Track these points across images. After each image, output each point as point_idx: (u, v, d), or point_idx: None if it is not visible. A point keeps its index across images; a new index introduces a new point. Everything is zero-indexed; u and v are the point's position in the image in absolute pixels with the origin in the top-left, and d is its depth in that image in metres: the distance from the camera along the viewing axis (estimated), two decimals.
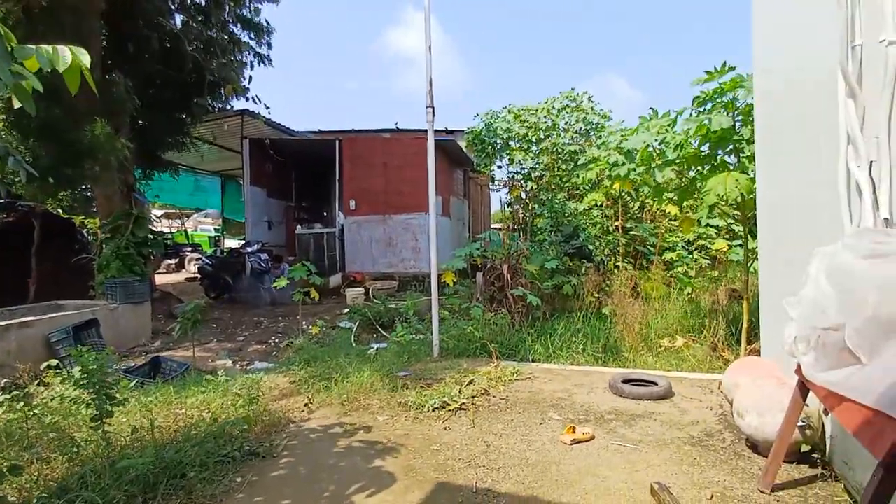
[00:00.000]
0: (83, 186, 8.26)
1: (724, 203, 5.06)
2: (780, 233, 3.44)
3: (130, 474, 2.57)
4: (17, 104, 2.15)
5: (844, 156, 2.26)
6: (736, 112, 4.70)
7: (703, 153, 5.06)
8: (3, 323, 5.05)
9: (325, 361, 4.84)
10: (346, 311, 7.87)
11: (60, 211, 9.48)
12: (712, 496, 2.34)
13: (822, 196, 2.66)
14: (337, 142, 11.37)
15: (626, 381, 4.05)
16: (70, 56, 2.10)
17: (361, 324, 6.92)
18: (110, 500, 2.41)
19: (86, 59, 2.17)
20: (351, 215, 11.23)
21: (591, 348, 5.29)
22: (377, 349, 5.50)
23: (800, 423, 2.45)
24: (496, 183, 12.68)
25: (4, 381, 4.52)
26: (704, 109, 5.14)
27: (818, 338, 2.07)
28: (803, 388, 2.30)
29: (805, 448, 2.61)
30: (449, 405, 3.67)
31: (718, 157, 5.06)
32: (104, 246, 7.27)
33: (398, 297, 8.79)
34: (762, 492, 2.35)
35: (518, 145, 10.17)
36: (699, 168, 5.21)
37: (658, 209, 8.80)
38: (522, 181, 10.43)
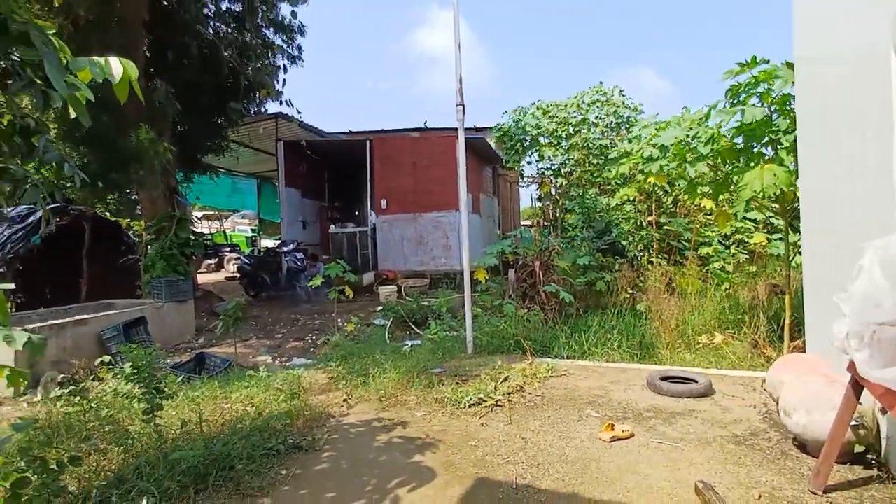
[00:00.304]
0: (128, 190, 8.63)
1: (761, 197, 4.90)
2: (826, 225, 3.31)
3: (182, 466, 2.70)
4: (73, 114, 2.28)
5: None
6: (771, 103, 4.54)
7: (737, 146, 4.92)
8: (59, 321, 5.35)
9: (362, 358, 4.94)
10: (380, 308, 7.98)
11: (108, 214, 9.94)
12: (760, 496, 2.29)
13: (873, 186, 2.56)
14: (367, 142, 11.52)
15: (664, 379, 3.98)
16: (121, 68, 2.22)
17: (395, 321, 7.01)
18: (164, 491, 2.53)
19: (134, 71, 2.29)
20: (382, 214, 11.36)
21: (626, 345, 5.22)
22: (411, 346, 5.57)
23: (853, 423, 2.37)
24: (525, 179, 12.60)
25: (62, 375, 4.80)
26: (738, 101, 4.99)
27: (873, 333, 2.01)
28: (857, 385, 2.23)
29: (859, 448, 2.51)
30: (485, 401, 3.70)
31: (754, 150, 4.91)
32: (149, 247, 7.60)
33: (430, 295, 8.86)
34: (814, 493, 2.29)
35: (547, 141, 10.07)
36: (734, 161, 5.06)
37: (693, 204, 8.58)
38: (552, 177, 10.33)
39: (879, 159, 2.46)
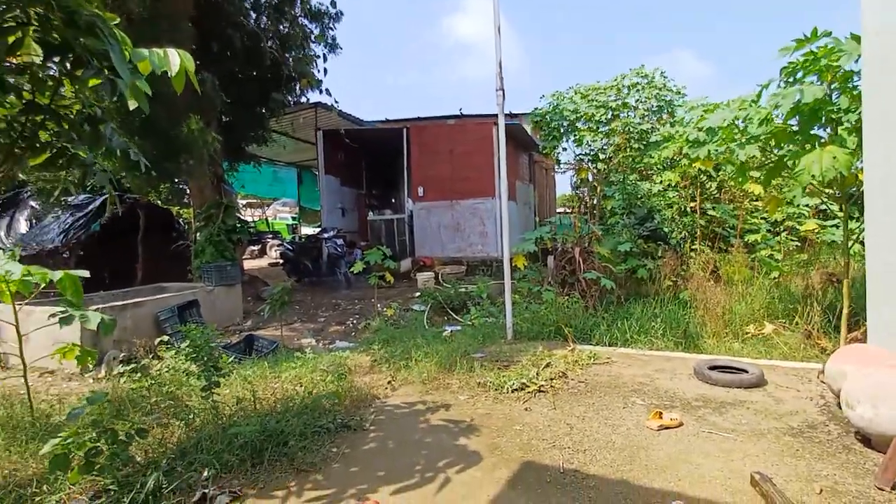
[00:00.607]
0: (178, 179, 8.99)
1: (819, 182, 4.65)
2: (894, 210, 3.13)
3: (239, 441, 2.83)
4: (132, 105, 2.39)
5: None
6: (832, 80, 4.27)
7: (791, 127, 4.67)
8: (119, 303, 5.66)
9: (403, 342, 5.02)
10: (418, 294, 8.07)
11: (159, 203, 10.40)
12: (821, 490, 2.21)
13: None
14: (404, 130, 11.57)
15: (712, 368, 3.88)
16: (178, 59, 2.31)
17: (433, 307, 7.08)
18: (224, 463, 2.67)
19: (191, 62, 2.38)
20: (419, 201, 11.42)
21: (670, 334, 5.10)
22: (451, 331, 5.62)
23: None
24: (562, 165, 12.37)
25: (122, 354, 5.09)
26: (794, 79, 4.73)
27: None
28: None
29: None
30: (528, 387, 3.71)
31: (812, 132, 4.65)
32: (198, 234, 7.91)
33: (467, 282, 8.89)
34: (881, 489, 2.19)
35: (586, 126, 9.85)
36: (789, 144, 4.82)
37: (738, 189, 8.24)
38: (591, 162, 10.11)
39: None
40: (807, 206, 7.99)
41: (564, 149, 10.64)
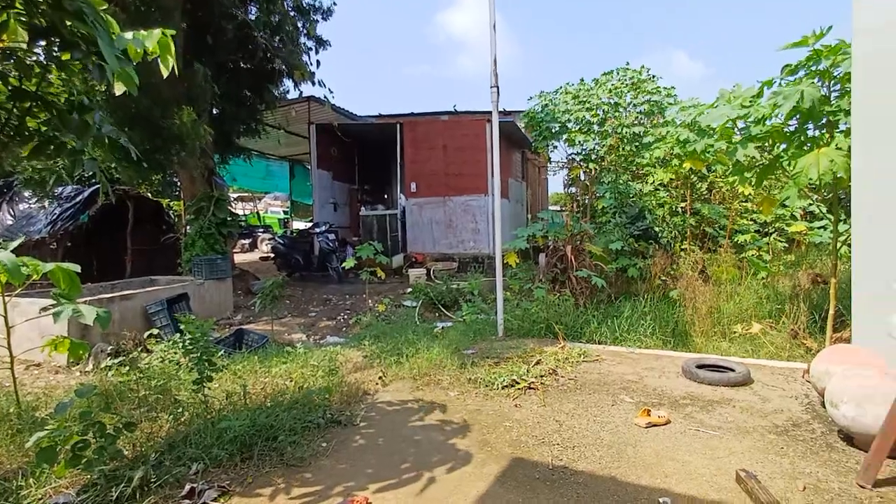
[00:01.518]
0: (170, 171, 8.89)
1: (817, 183, 4.71)
2: (882, 211, 3.17)
3: (229, 435, 2.82)
4: (118, 91, 2.37)
5: None
6: (833, 81, 4.32)
7: (788, 127, 4.71)
8: (108, 296, 5.60)
9: (394, 338, 5.02)
10: (410, 290, 8.07)
11: (149, 195, 10.28)
12: (805, 488, 2.25)
13: None
14: (398, 125, 11.52)
15: (700, 366, 3.93)
16: (157, 33, 2.32)
17: (424, 303, 7.08)
18: (213, 458, 2.65)
19: (170, 41, 2.38)
20: (412, 197, 11.40)
21: (659, 332, 5.15)
22: (442, 328, 5.63)
23: None
24: (553, 164, 12.42)
25: (111, 347, 5.04)
26: (796, 79, 4.76)
27: None
28: None
29: None
30: (518, 384, 3.72)
31: (808, 133, 4.70)
32: (189, 226, 7.83)
33: (458, 278, 8.90)
34: (863, 487, 2.24)
35: (577, 127, 9.87)
36: (784, 145, 4.86)
37: (728, 190, 8.33)
38: (582, 162, 10.15)
39: None
40: (799, 208, 8.11)
41: (556, 148, 10.68)
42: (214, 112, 8.94)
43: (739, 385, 3.65)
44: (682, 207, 8.60)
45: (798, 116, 4.57)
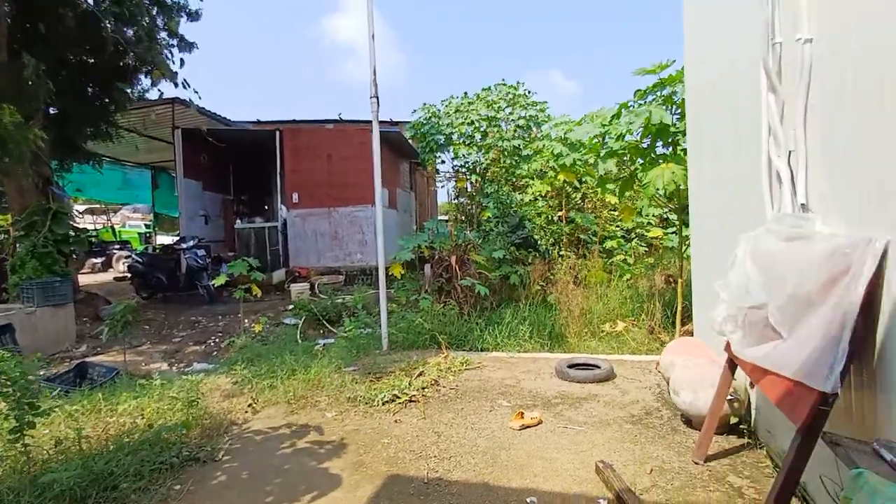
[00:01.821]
0: None
1: (661, 194, 5.33)
2: (708, 220, 3.65)
3: (55, 489, 2.38)
4: None
5: (766, 146, 2.41)
6: (675, 106, 4.93)
7: (643, 145, 5.29)
8: None
9: (270, 360, 4.67)
10: (291, 307, 7.63)
11: None
12: (651, 470, 2.46)
13: (746, 185, 2.84)
14: (277, 132, 10.95)
15: (571, 366, 4.18)
16: None
17: (307, 320, 6.73)
18: None
19: None
20: (294, 208, 10.87)
21: (537, 336, 5.42)
22: (324, 345, 5.38)
23: (729, 397, 2.63)
24: (441, 176, 12.70)
25: None
26: (645, 102, 5.36)
27: (744, 316, 2.22)
28: (732, 364, 2.46)
29: (734, 420, 2.80)
30: (399, 398, 3.65)
31: (657, 150, 5.31)
32: (18, 244, 6.64)
33: (345, 292, 8.63)
34: (696, 463, 2.51)
35: (462, 140, 10.21)
36: (639, 159, 5.44)
37: (599, 199, 9.16)
38: (468, 174, 10.50)
39: (755, 159, 2.73)
40: (655, 215, 9.13)
41: (443, 161, 10.92)
42: (52, 112, 7.74)
43: (604, 380, 3.95)
44: (558, 216, 9.24)
45: (650, 136, 5.16)
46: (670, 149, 5.23)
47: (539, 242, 8.97)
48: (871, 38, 1.67)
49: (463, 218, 10.46)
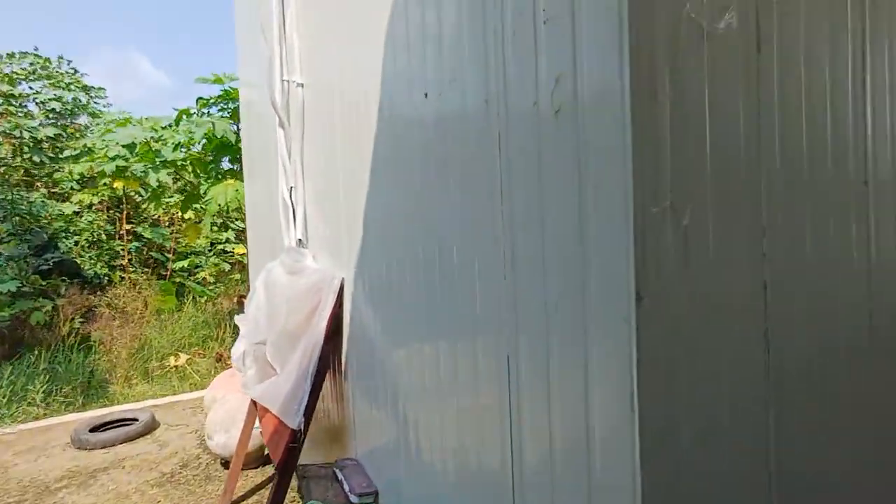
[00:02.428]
0: None
1: (227, 211, 5.09)
2: (259, 242, 3.62)
3: None
4: None
5: (282, 180, 2.48)
6: (240, 120, 4.73)
7: (209, 158, 4.92)
8: None
9: None
10: None
11: None
12: None
13: (276, 212, 2.90)
14: None
15: (97, 428, 3.34)
16: None
17: None
18: None
19: None
20: None
21: (62, 393, 4.16)
22: None
23: (260, 429, 2.56)
24: None
25: None
26: (208, 113, 4.99)
27: (254, 352, 2.16)
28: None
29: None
30: None
31: (222, 166, 5.05)
32: None
33: None
34: None
35: None
36: (205, 174, 5.05)
37: (175, 213, 8.13)
38: None
39: (279, 189, 2.78)
40: (238, 229, 8.67)
41: None
42: None
43: (141, 436, 3.32)
44: (121, 232, 7.64)
45: (215, 150, 4.82)
46: (239, 165, 5.06)
47: (85, 266, 7.15)
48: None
49: None
